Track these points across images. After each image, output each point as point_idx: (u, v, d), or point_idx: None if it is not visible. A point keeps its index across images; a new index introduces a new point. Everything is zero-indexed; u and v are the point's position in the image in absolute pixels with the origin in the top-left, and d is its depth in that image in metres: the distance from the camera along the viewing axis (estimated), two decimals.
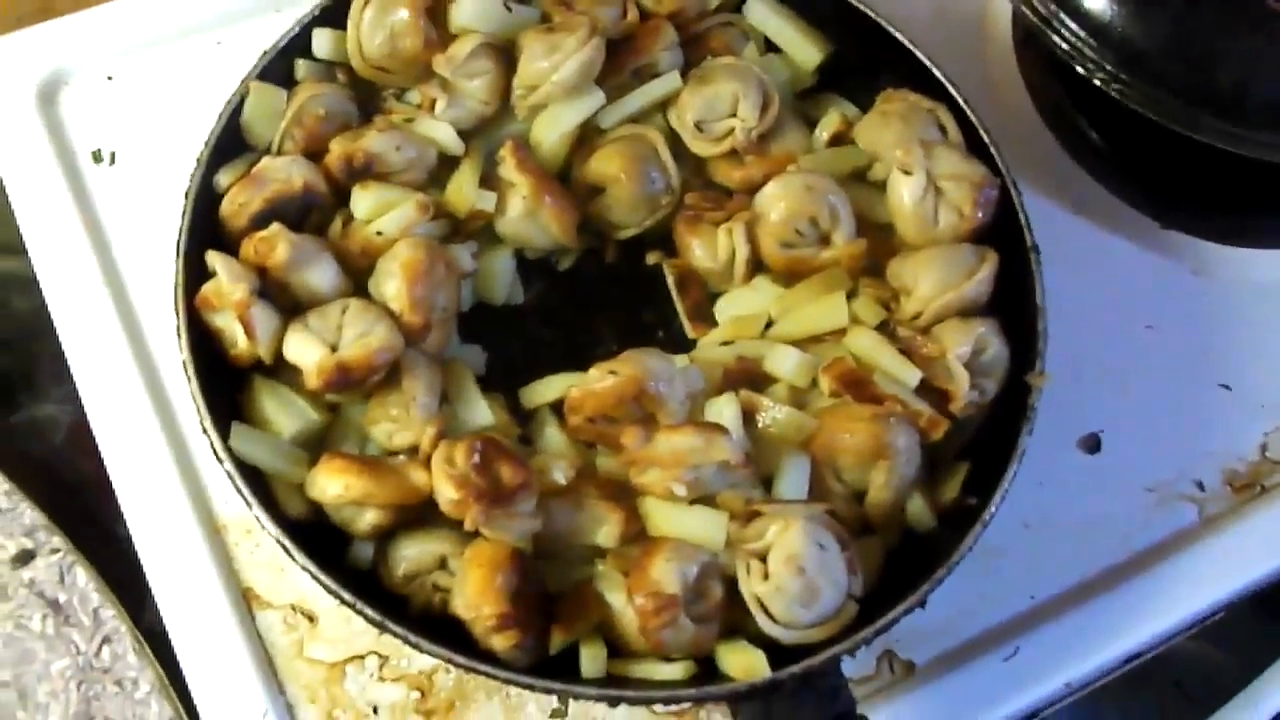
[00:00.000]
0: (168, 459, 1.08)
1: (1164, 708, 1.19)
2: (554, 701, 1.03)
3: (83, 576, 1.07)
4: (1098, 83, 1.12)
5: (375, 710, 1.02)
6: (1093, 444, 1.14)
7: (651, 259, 1.14)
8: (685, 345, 1.09)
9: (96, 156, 1.19)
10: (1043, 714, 1.08)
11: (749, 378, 1.03)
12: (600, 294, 1.13)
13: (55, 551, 1.09)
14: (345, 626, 1.04)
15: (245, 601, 1.05)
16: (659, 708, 1.03)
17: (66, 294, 1.14)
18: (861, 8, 1.16)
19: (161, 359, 1.11)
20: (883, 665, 1.06)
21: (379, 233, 1.03)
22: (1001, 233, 1.07)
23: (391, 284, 1.01)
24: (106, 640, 1.06)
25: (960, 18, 1.31)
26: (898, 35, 1.15)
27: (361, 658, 1.04)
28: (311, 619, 1.04)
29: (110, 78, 1.23)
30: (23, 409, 1.24)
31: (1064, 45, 1.13)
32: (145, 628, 1.07)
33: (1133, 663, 1.09)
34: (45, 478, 1.14)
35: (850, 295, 1.05)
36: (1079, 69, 1.13)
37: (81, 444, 1.21)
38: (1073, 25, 1.13)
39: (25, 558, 1.08)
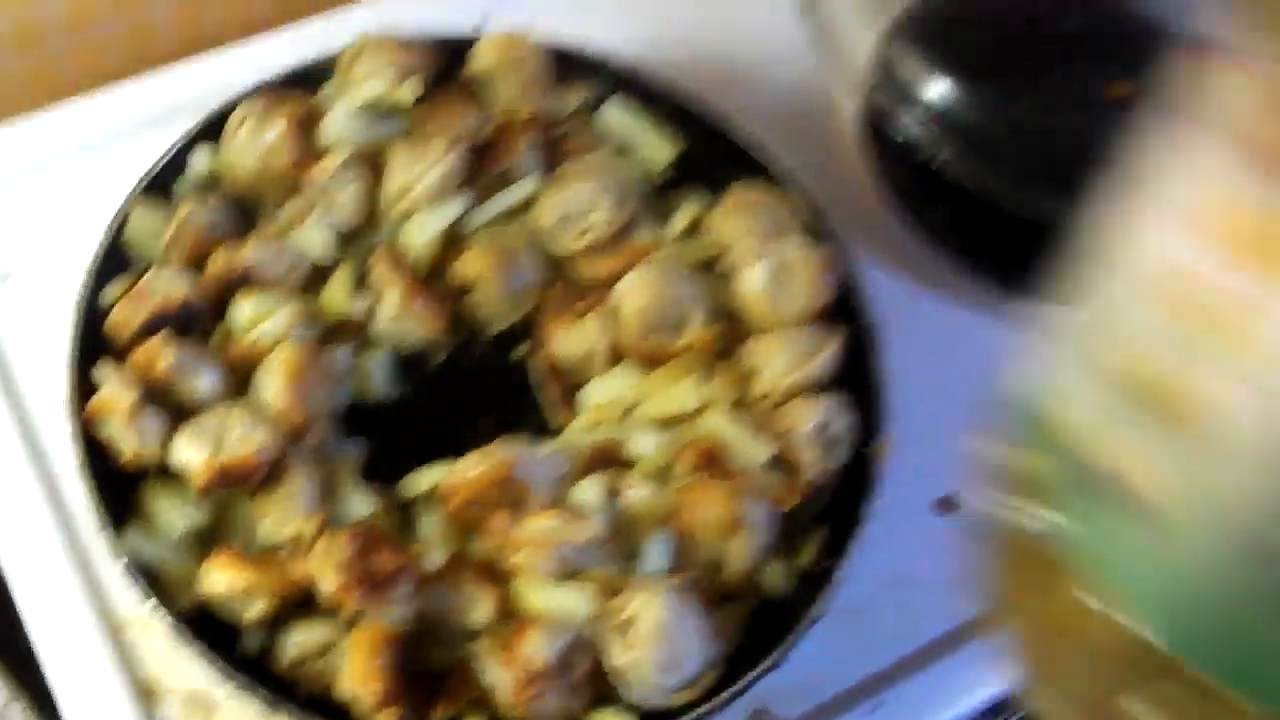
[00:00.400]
0: (65, 563, 1.12)
1: None
2: None
3: None
4: (935, 168, 1.20)
5: None
6: (948, 505, 1.20)
7: (520, 351, 1.19)
8: (551, 432, 1.15)
9: None
10: None
11: (613, 459, 1.09)
12: (472, 386, 1.19)
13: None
14: (243, 715, 1.08)
15: (145, 694, 1.09)
16: None
17: None
18: (704, 108, 1.24)
19: (60, 468, 1.15)
20: None
21: (258, 339, 1.09)
22: (847, 310, 1.15)
23: (272, 385, 1.06)
24: None
25: (806, 116, 1.38)
26: (741, 134, 1.23)
27: None
28: (209, 709, 1.08)
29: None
30: None
31: (903, 135, 1.22)
32: None
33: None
34: None
35: (707, 378, 1.12)
36: (919, 155, 1.21)
37: None
38: (912, 116, 1.22)
39: None
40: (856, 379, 1.13)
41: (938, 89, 1.22)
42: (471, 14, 1.34)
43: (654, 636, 0.99)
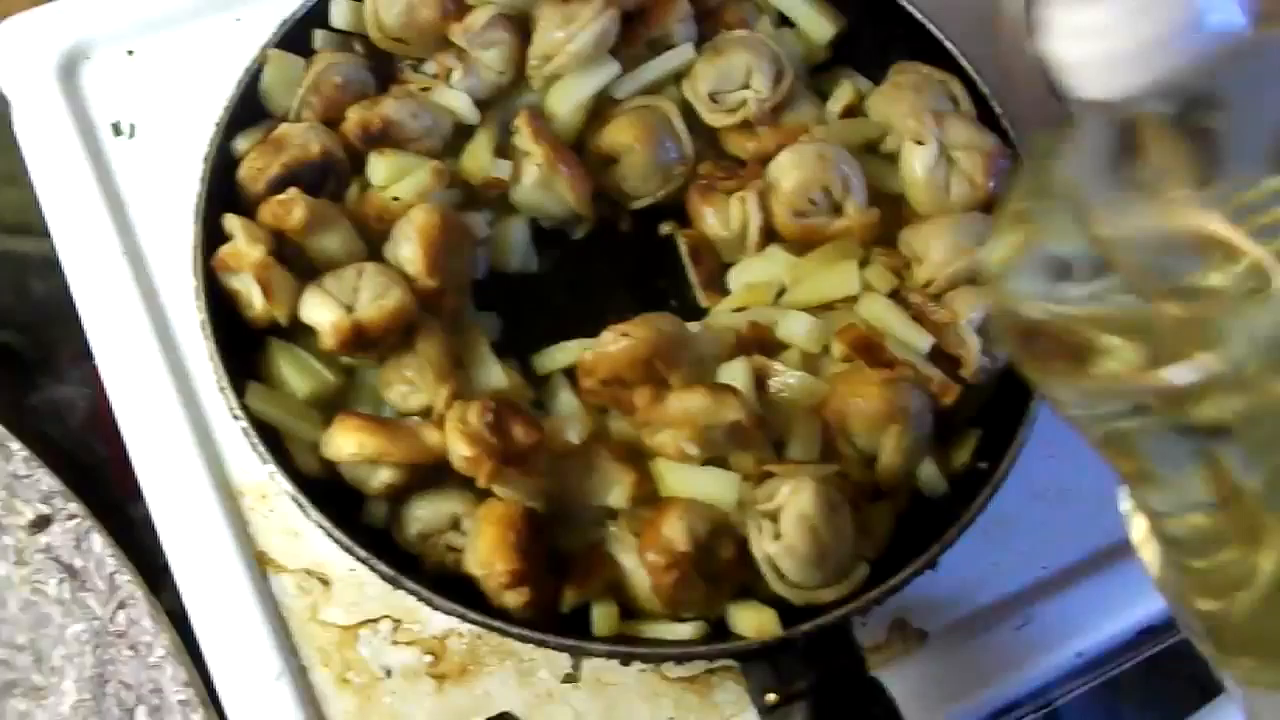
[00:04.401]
0: (184, 424, 1.08)
1: (1180, 702, 1.18)
2: (566, 666, 1.03)
3: (99, 543, 1.08)
4: None
5: (388, 673, 1.02)
6: None
7: (665, 228, 1.14)
8: (698, 314, 1.09)
9: (116, 129, 1.20)
10: (1058, 703, 1.08)
11: (761, 344, 1.03)
12: (614, 263, 1.14)
13: (72, 518, 1.09)
14: (359, 591, 1.04)
15: (259, 566, 1.05)
16: (670, 669, 1.03)
17: (85, 264, 1.15)
18: None
19: (178, 325, 1.12)
20: (895, 634, 1.06)
21: (395, 198, 1.04)
22: None
23: (407, 248, 1.01)
24: (122, 605, 1.06)
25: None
26: (909, 8, 1.15)
27: (375, 621, 1.04)
28: (325, 583, 1.05)
29: (131, 52, 1.24)
30: (41, 390, 1.25)
31: None
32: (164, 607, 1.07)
33: (1147, 642, 1.09)
34: (62, 458, 1.15)
35: (862, 264, 1.06)
36: None
37: (98, 427, 1.22)
38: None
39: (42, 523, 1.09)
40: None
41: None
42: None
43: (802, 527, 0.93)
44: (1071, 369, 0.63)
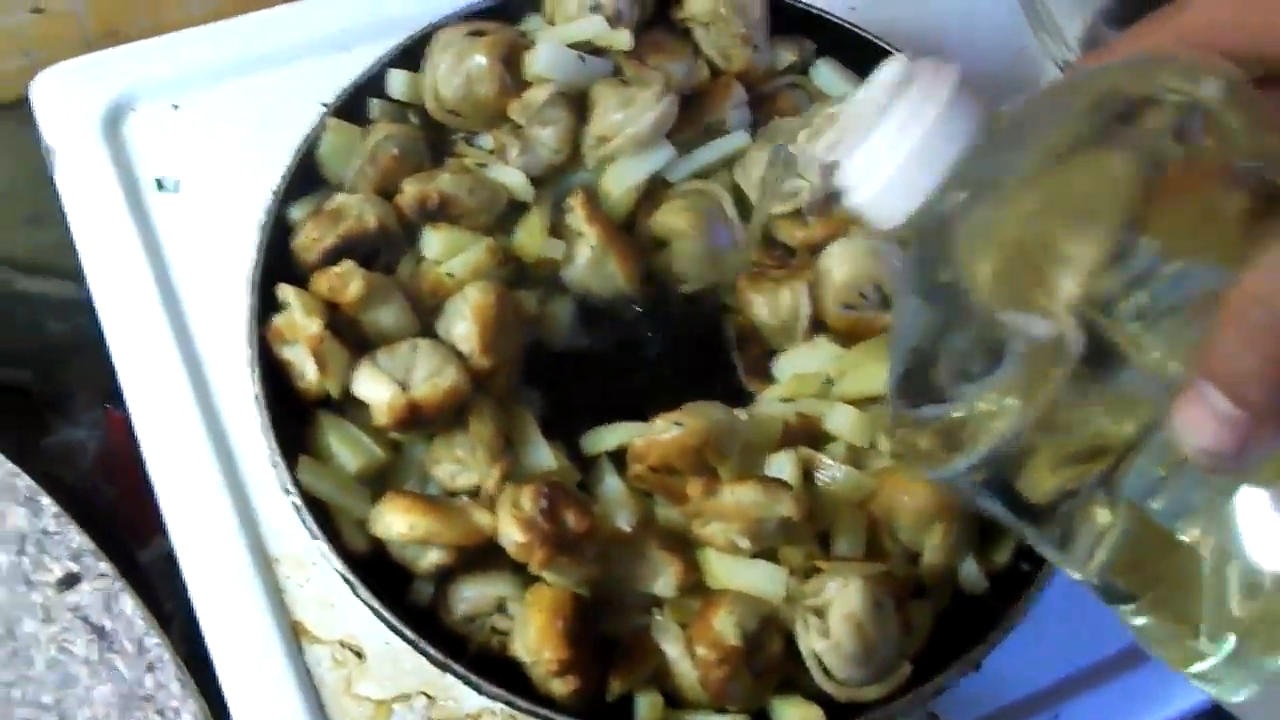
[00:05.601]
0: (222, 490, 1.07)
1: None
2: None
3: (129, 604, 1.07)
4: None
5: None
6: None
7: (712, 311, 1.15)
8: (742, 399, 1.10)
9: (160, 184, 1.19)
10: None
11: (809, 435, 1.04)
12: (660, 344, 1.14)
13: (102, 577, 1.08)
14: (394, 665, 1.03)
15: (294, 636, 1.04)
16: None
17: (124, 319, 1.13)
18: None
19: (220, 389, 1.11)
20: None
21: (449, 274, 1.04)
22: None
23: (462, 326, 1.01)
24: (150, 668, 1.05)
25: (1014, 91, 1.32)
26: None
27: (409, 697, 1.03)
28: (360, 655, 1.04)
29: (176, 106, 1.23)
30: (54, 432, 1.24)
31: None
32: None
33: None
34: (74, 500, 1.14)
35: None
36: None
37: (108, 469, 1.21)
38: None
39: (71, 581, 1.08)
40: None
41: None
42: None
43: (849, 626, 0.93)
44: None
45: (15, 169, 1.32)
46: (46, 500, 1.11)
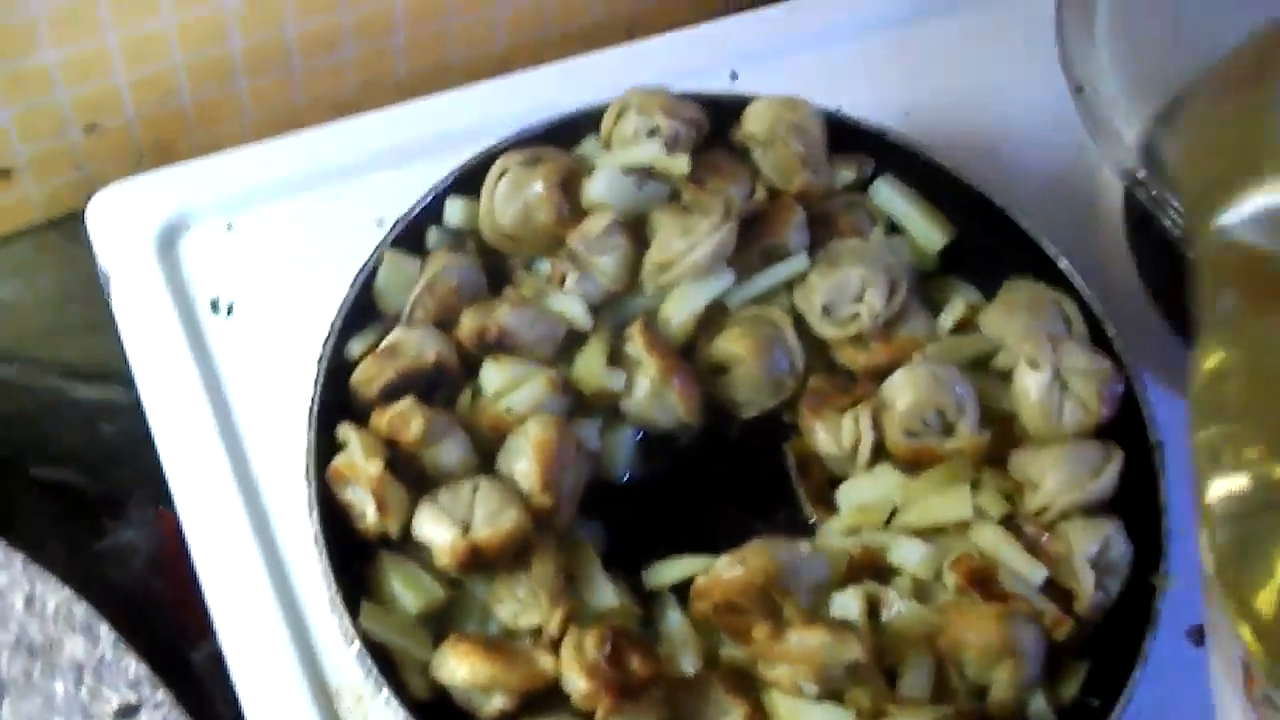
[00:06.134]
0: (280, 623, 1.06)
1: None
2: None
3: None
4: None
5: None
6: (1201, 635, 1.13)
7: (773, 440, 1.13)
8: (804, 526, 1.09)
9: (214, 306, 1.18)
10: None
11: (873, 568, 1.03)
12: (720, 472, 1.12)
13: (159, 706, 1.08)
14: None
15: None
16: None
17: (181, 446, 1.13)
18: (984, 193, 1.17)
19: (278, 520, 1.10)
20: None
21: (509, 409, 1.03)
22: (1124, 427, 1.07)
23: (522, 463, 1.00)
24: None
25: (1070, 199, 1.31)
26: (1021, 224, 1.15)
27: None
28: None
29: (230, 226, 1.23)
30: (108, 535, 1.24)
31: (1177, 228, 1.13)
32: None
33: None
34: (125, 604, 1.14)
35: (974, 485, 1.05)
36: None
37: (160, 571, 1.21)
38: (1180, 211, 1.13)
39: (129, 711, 1.07)
40: (1135, 501, 1.05)
41: None
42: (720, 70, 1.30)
43: None
44: None
45: (71, 278, 1.32)
46: (104, 628, 1.10)
